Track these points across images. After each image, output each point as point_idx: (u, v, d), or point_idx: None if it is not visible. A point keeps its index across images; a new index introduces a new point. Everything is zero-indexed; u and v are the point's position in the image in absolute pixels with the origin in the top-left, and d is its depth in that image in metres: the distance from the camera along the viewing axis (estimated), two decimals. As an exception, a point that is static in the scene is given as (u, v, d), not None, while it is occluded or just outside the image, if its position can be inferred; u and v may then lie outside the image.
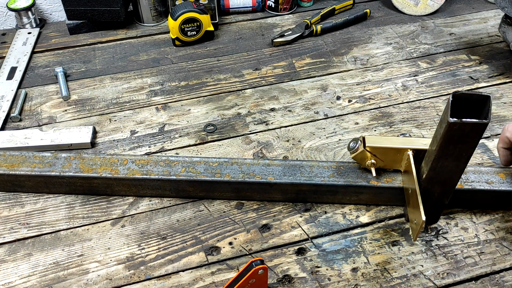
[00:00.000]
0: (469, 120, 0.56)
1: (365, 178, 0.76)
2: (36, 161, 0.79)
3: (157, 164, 0.78)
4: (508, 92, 1.01)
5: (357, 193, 0.77)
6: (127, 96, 1.01)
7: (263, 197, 0.79)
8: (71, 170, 0.77)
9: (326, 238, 0.74)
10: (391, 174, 0.77)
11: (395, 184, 0.75)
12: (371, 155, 0.73)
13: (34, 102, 0.99)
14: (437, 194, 0.69)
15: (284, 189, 0.77)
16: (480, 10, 1.26)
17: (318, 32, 1.17)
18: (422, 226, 0.64)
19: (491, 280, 0.69)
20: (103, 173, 0.77)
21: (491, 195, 0.75)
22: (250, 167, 0.77)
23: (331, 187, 0.76)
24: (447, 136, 0.59)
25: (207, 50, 1.14)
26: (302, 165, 0.78)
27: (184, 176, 0.76)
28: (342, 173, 0.77)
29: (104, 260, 0.72)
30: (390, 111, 0.96)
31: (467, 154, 0.61)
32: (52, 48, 1.15)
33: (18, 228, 0.76)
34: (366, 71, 1.07)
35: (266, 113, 0.96)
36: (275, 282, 0.69)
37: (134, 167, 0.78)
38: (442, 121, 0.60)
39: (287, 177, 0.76)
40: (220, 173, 0.77)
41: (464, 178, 0.75)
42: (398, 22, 1.22)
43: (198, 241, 0.74)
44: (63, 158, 0.79)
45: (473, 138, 0.58)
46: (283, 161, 0.78)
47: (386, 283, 0.69)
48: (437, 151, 0.62)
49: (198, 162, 0.78)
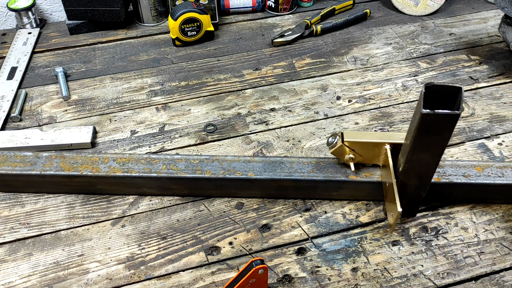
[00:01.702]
0: (442, 111, 0.57)
1: (344, 173, 0.77)
2: (17, 160, 0.79)
3: (138, 162, 0.78)
4: (508, 92, 1.01)
5: (337, 188, 0.77)
6: (127, 96, 1.01)
7: (244, 193, 0.79)
8: (52, 169, 0.78)
9: (326, 238, 0.74)
10: (370, 169, 0.77)
11: (373, 179, 0.76)
12: (350, 150, 0.74)
13: (34, 102, 1.00)
14: (413, 187, 0.69)
15: (265, 185, 0.77)
16: (480, 10, 1.26)
17: (318, 32, 1.17)
18: (398, 217, 0.66)
19: (491, 280, 0.69)
20: (84, 171, 0.77)
21: (468, 188, 0.76)
22: (231, 164, 0.78)
23: (310, 183, 0.76)
24: (420, 127, 0.59)
25: (207, 50, 1.14)
26: (282, 161, 0.79)
27: (165, 173, 0.77)
28: (321, 168, 0.77)
29: (104, 260, 0.72)
30: (390, 111, 0.96)
31: (441, 146, 0.62)
32: (52, 48, 1.15)
33: (19, 228, 0.76)
34: (366, 71, 1.07)
35: (266, 113, 0.96)
36: (275, 282, 0.69)
37: (115, 165, 0.78)
38: (416, 113, 0.60)
39: (267, 173, 0.77)
40: (201, 170, 0.77)
41: (442, 171, 0.76)
42: (398, 22, 1.22)
43: (198, 241, 0.74)
44: (44, 157, 0.79)
45: (446, 129, 0.59)
46: (263, 158, 0.79)
47: (386, 283, 0.69)
48: (411, 143, 0.63)
49: (179, 160, 0.79)
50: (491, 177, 0.75)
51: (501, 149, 0.88)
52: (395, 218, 0.67)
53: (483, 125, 0.93)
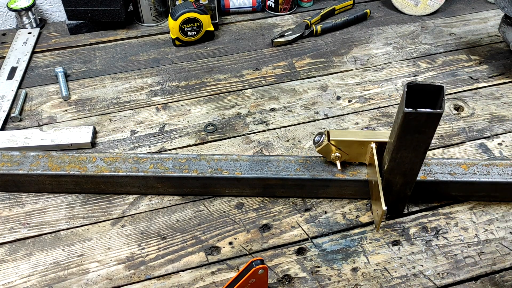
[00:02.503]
0: (424, 110, 0.58)
1: (330, 171, 0.77)
2: (5, 160, 0.79)
3: (125, 161, 0.78)
4: (508, 92, 1.01)
5: (324, 187, 0.78)
6: (127, 96, 1.01)
7: (231, 192, 0.79)
8: (39, 168, 0.78)
9: (326, 238, 0.74)
10: (356, 167, 0.77)
11: (360, 177, 0.76)
12: (336, 148, 0.74)
13: (34, 102, 1.00)
14: (399, 185, 0.70)
15: (252, 183, 0.78)
16: (480, 10, 1.26)
17: (318, 32, 1.17)
18: (383, 216, 0.66)
19: (491, 280, 0.69)
20: (71, 170, 0.77)
21: (454, 186, 0.76)
22: (218, 163, 0.78)
23: (297, 181, 0.77)
24: (403, 126, 0.60)
25: (207, 50, 1.14)
26: (269, 159, 0.79)
27: (152, 172, 0.77)
28: (308, 167, 0.78)
29: (104, 260, 0.72)
30: (390, 111, 0.96)
31: (424, 144, 0.62)
32: (52, 48, 1.15)
33: (18, 228, 0.76)
34: (366, 71, 1.07)
35: (266, 113, 0.96)
36: (275, 282, 0.69)
37: (102, 164, 0.78)
38: (399, 112, 0.61)
39: (254, 172, 0.77)
40: (188, 169, 0.77)
41: (428, 170, 0.76)
42: (398, 22, 1.22)
43: (198, 241, 0.74)
44: (32, 157, 0.79)
45: (429, 128, 0.60)
46: (251, 156, 0.79)
47: (386, 283, 0.69)
48: (395, 141, 0.63)
49: (167, 159, 0.79)
50: (477, 175, 0.76)
51: (501, 149, 0.88)
52: (380, 216, 0.68)
53: (483, 125, 0.93)
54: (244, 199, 0.80)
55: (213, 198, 0.80)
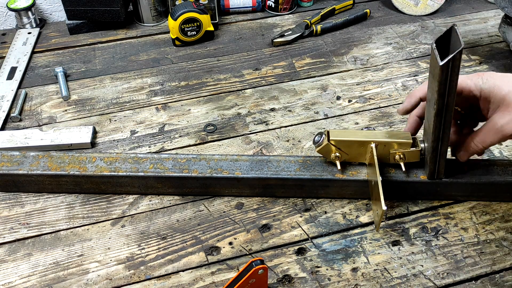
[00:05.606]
0: (452, 54, 0.58)
1: (330, 171, 0.77)
2: (4, 160, 0.79)
3: (125, 161, 0.78)
4: (508, 92, 1.00)
5: (324, 187, 0.77)
6: (127, 96, 1.01)
7: (231, 192, 0.79)
8: (39, 168, 0.77)
9: (326, 238, 0.74)
10: (356, 167, 0.77)
11: (360, 177, 0.76)
12: (336, 148, 0.74)
13: (34, 102, 0.99)
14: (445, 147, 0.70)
15: (252, 183, 0.77)
16: (480, 10, 1.26)
17: (318, 32, 1.17)
18: (383, 216, 0.67)
19: (491, 280, 0.69)
20: (71, 170, 0.77)
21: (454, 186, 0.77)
22: (218, 163, 0.78)
23: (297, 181, 0.77)
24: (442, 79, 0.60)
25: (207, 50, 1.14)
26: (269, 159, 0.79)
27: (152, 172, 0.77)
28: (308, 167, 0.77)
29: (104, 260, 0.72)
30: (390, 111, 0.96)
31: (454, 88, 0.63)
32: (52, 48, 1.15)
33: (18, 228, 0.76)
34: (366, 71, 1.07)
35: (266, 113, 0.96)
36: (275, 282, 0.69)
37: (102, 165, 0.78)
38: (434, 68, 0.62)
39: (254, 172, 0.77)
40: (188, 169, 0.77)
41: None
42: (398, 22, 1.22)
43: (198, 241, 0.74)
44: (32, 157, 0.79)
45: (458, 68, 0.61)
46: (250, 157, 0.79)
47: (386, 283, 0.69)
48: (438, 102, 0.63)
49: (167, 159, 0.79)
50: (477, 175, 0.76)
51: (501, 149, 0.88)
52: (380, 216, 0.68)
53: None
54: (244, 199, 0.80)
55: (213, 198, 0.80)
